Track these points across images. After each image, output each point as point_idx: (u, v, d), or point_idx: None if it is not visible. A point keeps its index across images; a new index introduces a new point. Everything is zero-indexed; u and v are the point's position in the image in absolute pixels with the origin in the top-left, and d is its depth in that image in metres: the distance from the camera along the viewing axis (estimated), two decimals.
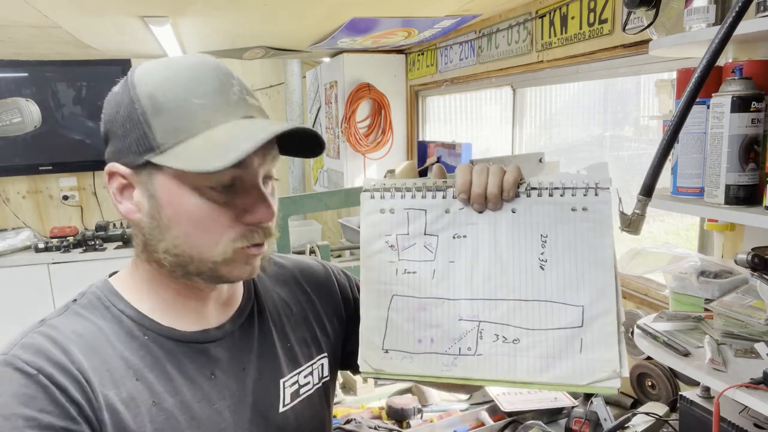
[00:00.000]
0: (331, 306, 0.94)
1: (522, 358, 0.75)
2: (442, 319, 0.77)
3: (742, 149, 1.00)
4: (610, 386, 0.73)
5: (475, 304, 0.77)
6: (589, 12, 1.83)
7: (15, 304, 3.39)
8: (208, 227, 0.70)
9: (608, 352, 0.73)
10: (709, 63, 0.76)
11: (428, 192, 0.79)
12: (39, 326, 0.71)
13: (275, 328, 0.85)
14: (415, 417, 1.66)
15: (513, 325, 0.76)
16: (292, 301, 0.90)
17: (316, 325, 0.91)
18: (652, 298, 1.65)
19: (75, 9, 2.13)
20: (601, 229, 0.74)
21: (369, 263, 0.80)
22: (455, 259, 0.78)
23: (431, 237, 0.79)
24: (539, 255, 0.76)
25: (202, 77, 0.70)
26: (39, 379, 0.64)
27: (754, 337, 1.09)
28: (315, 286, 0.94)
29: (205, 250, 0.70)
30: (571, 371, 0.74)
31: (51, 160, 3.94)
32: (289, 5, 2.14)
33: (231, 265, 0.72)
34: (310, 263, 0.98)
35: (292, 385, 0.84)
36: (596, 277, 0.74)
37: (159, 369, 0.73)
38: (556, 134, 2.51)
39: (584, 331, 0.74)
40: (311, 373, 0.87)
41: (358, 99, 3.32)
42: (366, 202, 0.80)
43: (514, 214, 0.76)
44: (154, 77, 0.70)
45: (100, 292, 0.76)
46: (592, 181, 0.75)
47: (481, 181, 0.75)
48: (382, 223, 0.80)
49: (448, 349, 0.77)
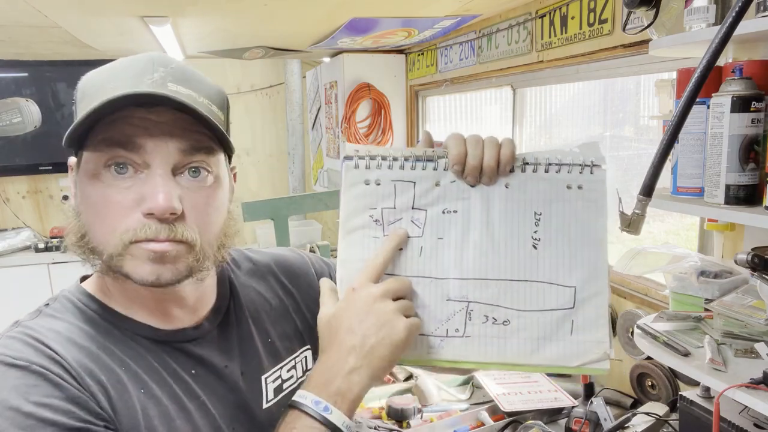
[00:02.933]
0: (311, 295, 0.91)
1: (512, 340, 0.73)
2: (429, 298, 0.73)
3: (742, 149, 1.00)
4: (601, 368, 0.72)
5: (464, 284, 0.73)
6: (589, 12, 1.83)
7: (15, 304, 3.38)
8: (103, 214, 0.67)
9: (599, 333, 0.72)
10: (709, 63, 0.76)
11: (418, 162, 0.73)
12: (14, 327, 0.70)
13: (255, 324, 0.85)
14: (415, 417, 1.66)
15: (503, 305, 0.73)
16: (271, 295, 0.89)
17: (296, 317, 0.90)
18: (652, 298, 1.65)
19: (75, 9, 2.13)
20: (596, 209, 0.73)
21: (350, 239, 0.74)
22: (444, 236, 0.73)
23: (419, 211, 0.74)
24: (532, 233, 0.73)
25: (130, 65, 0.69)
26: (33, 369, 0.63)
27: (754, 337, 1.09)
28: (292, 277, 0.93)
29: (103, 240, 0.67)
30: (562, 353, 0.72)
31: (51, 160, 3.93)
32: (289, 5, 2.14)
33: (132, 261, 0.67)
34: (285, 254, 0.97)
35: (275, 380, 0.83)
36: (589, 257, 0.73)
37: (144, 362, 0.71)
38: (556, 134, 2.51)
39: (575, 313, 0.72)
40: (294, 366, 0.86)
41: (358, 99, 3.32)
42: (349, 171, 0.73)
43: (508, 189, 0.73)
44: (94, 71, 0.72)
45: (72, 296, 0.75)
46: (587, 158, 0.73)
47: (477, 153, 0.71)
48: (367, 196, 0.73)
49: (434, 330, 0.73)
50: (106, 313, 0.73)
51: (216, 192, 0.72)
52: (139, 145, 0.66)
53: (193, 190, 0.69)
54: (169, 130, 0.67)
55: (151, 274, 0.67)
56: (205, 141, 0.70)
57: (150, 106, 0.66)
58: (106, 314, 0.73)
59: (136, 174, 0.67)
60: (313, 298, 0.92)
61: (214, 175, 0.72)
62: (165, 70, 0.69)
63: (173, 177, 0.68)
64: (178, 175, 0.69)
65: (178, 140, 0.67)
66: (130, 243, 0.66)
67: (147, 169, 0.67)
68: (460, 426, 1.63)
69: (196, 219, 0.69)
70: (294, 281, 0.93)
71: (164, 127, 0.67)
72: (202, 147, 0.69)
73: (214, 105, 0.72)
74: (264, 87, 4.34)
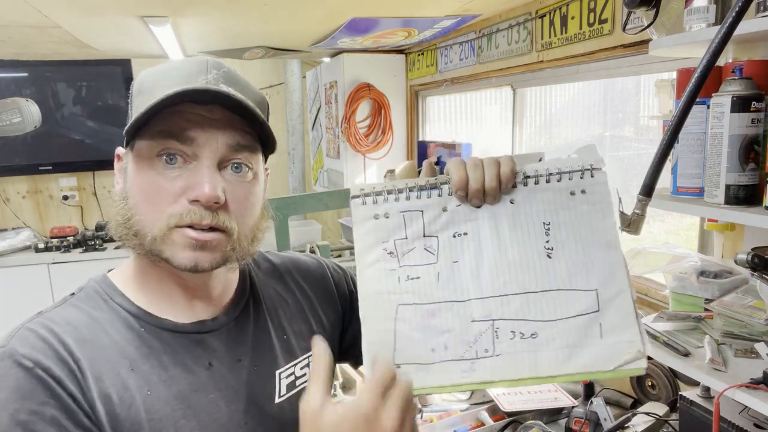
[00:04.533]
0: (327, 300, 0.95)
1: (543, 352, 0.71)
2: (454, 322, 0.73)
3: (742, 149, 1.00)
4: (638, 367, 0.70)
5: (486, 303, 0.73)
6: (589, 12, 1.83)
7: (15, 304, 3.39)
8: (152, 201, 0.71)
9: (629, 332, 0.71)
10: (709, 63, 0.76)
11: (422, 191, 0.75)
12: (36, 317, 0.73)
13: (271, 320, 0.86)
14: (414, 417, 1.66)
15: (529, 318, 0.72)
16: (288, 295, 0.91)
17: (312, 318, 0.92)
18: (652, 298, 1.65)
19: (75, 9, 2.13)
20: (602, 210, 0.73)
21: (367, 274, 0.74)
22: (459, 259, 0.74)
23: (431, 238, 0.75)
24: (544, 243, 0.73)
25: (184, 65, 0.74)
26: (36, 373, 0.65)
27: (754, 337, 1.09)
28: (310, 281, 0.95)
29: (148, 223, 0.71)
30: (596, 358, 0.71)
31: (51, 160, 3.94)
32: (289, 5, 2.14)
33: (172, 246, 0.71)
34: (304, 259, 0.99)
35: (288, 376, 0.84)
36: (604, 258, 0.72)
37: (154, 359, 0.74)
38: (556, 134, 2.51)
39: (602, 315, 0.71)
40: (308, 365, 0.87)
41: (358, 99, 3.32)
42: (357, 209, 0.75)
43: (513, 205, 0.74)
44: (149, 69, 0.77)
45: (99, 287, 0.78)
46: (586, 162, 0.74)
47: (478, 176, 0.73)
48: (378, 230, 0.75)
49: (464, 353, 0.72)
50: (129, 305, 0.76)
51: (254, 188, 0.77)
52: (191, 138, 0.71)
53: (234, 183, 0.74)
54: (220, 126, 0.72)
55: (191, 261, 0.71)
56: (250, 140, 0.75)
57: (204, 103, 0.71)
58: (128, 307, 0.76)
59: (185, 164, 0.71)
60: (329, 302, 0.95)
61: (254, 172, 0.76)
62: (218, 73, 0.74)
63: (218, 170, 0.72)
64: (223, 169, 0.73)
65: (227, 136, 0.72)
66: (174, 227, 0.70)
67: (195, 161, 0.71)
68: (460, 426, 1.63)
69: (235, 210, 0.74)
70: (311, 284, 0.94)
71: (216, 123, 0.72)
72: (247, 145, 0.74)
73: (258, 108, 0.76)
74: (264, 87, 4.34)
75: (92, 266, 3.60)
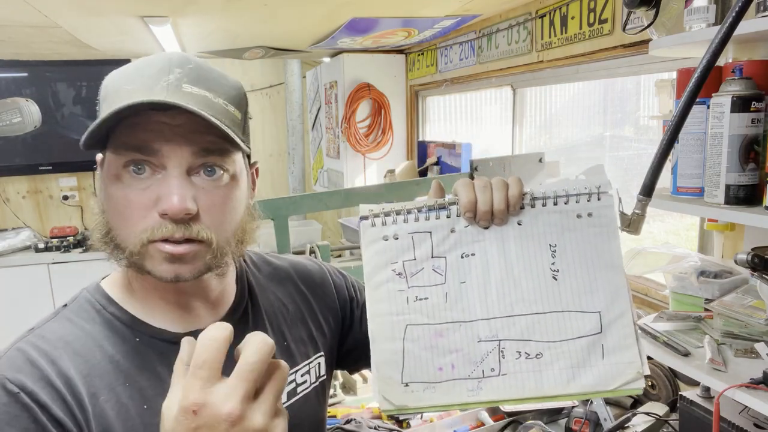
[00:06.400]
0: (328, 305, 0.94)
1: (547, 372, 0.74)
2: (461, 342, 0.75)
3: (742, 149, 1.00)
4: (636, 387, 0.73)
5: (492, 323, 0.75)
6: (589, 12, 1.83)
7: (15, 304, 3.39)
8: (124, 213, 0.69)
9: (629, 353, 0.73)
10: (709, 63, 0.76)
11: (430, 212, 0.76)
12: (27, 335, 0.71)
13: (271, 326, 0.85)
14: (415, 417, 1.66)
15: (534, 339, 0.74)
16: (288, 300, 0.90)
17: (312, 324, 0.91)
18: (652, 298, 1.65)
19: (75, 9, 2.13)
20: (608, 233, 0.75)
21: (376, 294, 0.75)
22: (466, 279, 0.76)
23: (439, 259, 0.76)
24: (550, 265, 0.75)
25: (146, 66, 0.70)
26: (20, 398, 0.64)
27: (754, 337, 1.09)
28: (311, 286, 0.94)
29: (124, 238, 0.70)
30: (598, 378, 0.73)
31: (51, 160, 3.94)
32: (289, 5, 2.14)
33: (151, 260, 0.69)
34: (305, 263, 0.98)
35: (290, 383, 0.84)
36: (609, 281, 0.74)
37: (150, 371, 0.72)
38: (556, 134, 2.52)
39: (604, 337, 0.74)
40: (308, 371, 0.87)
41: (358, 99, 3.32)
42: (367, 230, 0.76)
43: (521, 226, 0.75)
44: (114, 72, 0.73)
45: (92, 297, 0.76)
46: (593, 185, 0.75)
47: (487, 198, 0.73)
48: (387, 251, 0.76)
49: (471, 373, 0.74)
50: (124, 315, 0.75)
51: (232, 190, 0.74)
52: (155, 150, 0.68)
53: (208, 189, 0.71)
54: (183, 133, 0.68)
55: (170, 273, 0.69)
56: (219, 143, 0.70)
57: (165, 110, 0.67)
58: (123, 317, 0.74)
59: (153, 174, 0.69)
60: (330, 308, 0.94)
61: (230, 174, 0.73)
62: (181, 71, 0.70)
63: (188, 177, 0.69)
64: (194, 174, 0.70)
65: (191, 143, 0.68)
66: (148, 242, 0.68)
67: (164, 170, 0.68)
68: (460, 426, 1.63)
69: (211, 218, 0.71)
70: (311, 289, 0.94)
71: (179, 130, 0.68)
72: (216, 149, 0.70)
73: (230, 104, 0.73)
74: (264, 87, 4.35)
75: (92, 266, 3.60)
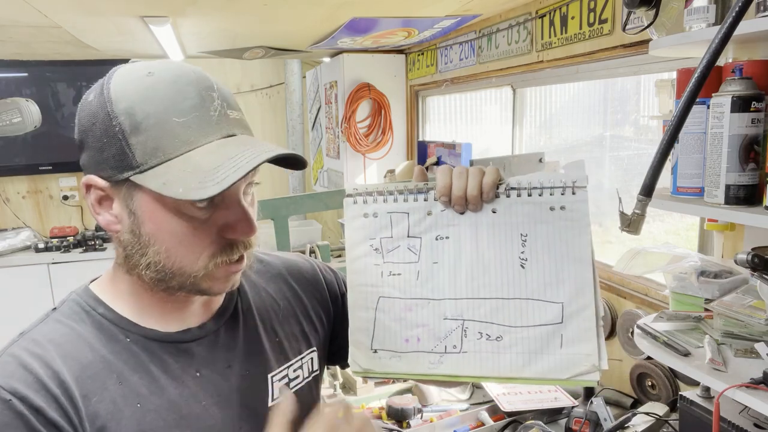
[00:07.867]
0: (319, 301, 0.95)
1: (505, 355, 0.78)
2: (428, 318, 0.80)
3: (742, 149, 1.00)
4: (590, 379, 0.76)
5: (459, 304, 0.79)
6: (589, 12, 1.83)
7: (15, 304, 3.38)
8: (189, 243, 0.70)
9: (587, 346, 0.76)
10: (709, 63, 0.76)
11: (410, 195, 0.80)
12: (18, 340, 0.71)
13: (262, 323, 0.86)
14: (415, 417, 1.66)
15: (496, 323, 0.78)
16: (279, 297, 0.91)
17: (304, 320, 0.92)
18: (652, 298, 1.65)
19: (75, 9, 2.13)
20: (579, 227, 0.76)
21: (355, 266, 0.82)
22: (439, 260, 0.80)
23: (415, 239, 0.80)
24: (519, 254, 0.78)
25: (181, 92, 0.68)
26: (12, 405, 0.64)
27: (754, 337, 1.09)
28: (302, 282, 0.95)
29: (186, 265, 0.71)
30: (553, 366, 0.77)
31: (51, 160, 3.93)
32: (289, 5, 2.14)
33: (212, 280, 0.73)
34: (296, 260, 0.98)
35: (282, 379, 0.84)
36: (575, 274, 0.76)
37: (142, 370, 0.73)
38: (556, 134, 2.51)
39: (564, 327, 0.77)
40: (300, 367, 0.88)
41: (358, 99, 3.32)
42: (349, 207, 0.82)
43: (495, 214, 0.78)
44: (131, 92, 0.68)
45: (81, 299, 0.76)
46: (569, 180, 0.76)
47: (461, 184, 0.76)
48: (366, 227, 0.81)
49: (434, 347, 0.80)
50: (113, 315, 0.75)
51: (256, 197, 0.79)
52: None
53: (250, 202, 0.75)
54: None
55: (227, 288, 0.76)
56: None
57: None
58: (112, 317, 0.75)
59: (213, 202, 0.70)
60: (321, 304, 0.95)
61: None
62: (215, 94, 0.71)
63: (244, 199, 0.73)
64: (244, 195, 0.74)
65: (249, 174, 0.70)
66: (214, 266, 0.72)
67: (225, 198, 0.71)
68: (460, 426, 1.63)
69: None
70: (303, 286, 0.94)
71: None
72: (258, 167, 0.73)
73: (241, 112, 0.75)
74: (264, 87, 4.34)
75: (92, 266, 3.60)
